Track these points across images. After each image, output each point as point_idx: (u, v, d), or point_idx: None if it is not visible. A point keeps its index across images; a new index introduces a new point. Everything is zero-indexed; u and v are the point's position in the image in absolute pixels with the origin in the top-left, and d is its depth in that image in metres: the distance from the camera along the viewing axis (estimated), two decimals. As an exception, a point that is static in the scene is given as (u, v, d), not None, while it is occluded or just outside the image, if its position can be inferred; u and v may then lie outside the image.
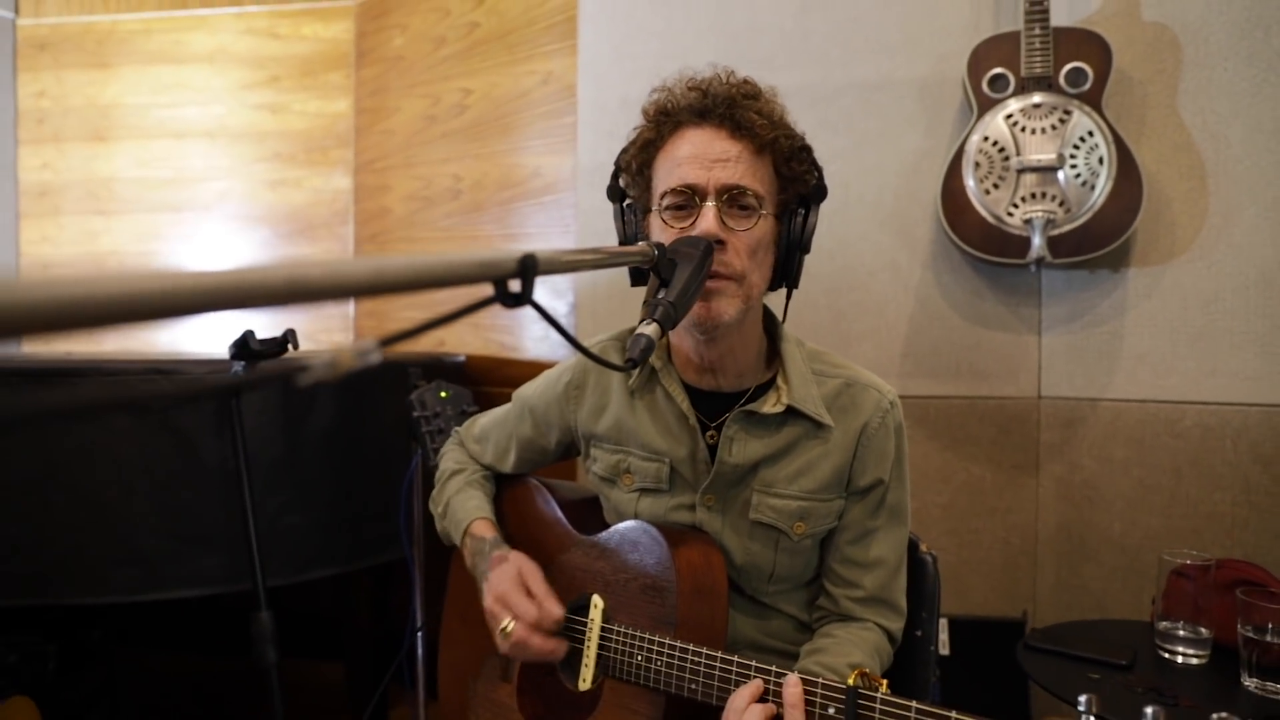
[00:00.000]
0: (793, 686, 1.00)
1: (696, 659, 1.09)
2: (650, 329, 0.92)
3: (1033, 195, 1.99)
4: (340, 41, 3.03)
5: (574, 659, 1.24)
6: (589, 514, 1.39)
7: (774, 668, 1.04)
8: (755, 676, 1.04)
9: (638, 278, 1.27)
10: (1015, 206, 2.00)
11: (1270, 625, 1.35)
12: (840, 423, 1.23)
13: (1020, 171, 1.99)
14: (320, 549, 2.01)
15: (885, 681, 0.96)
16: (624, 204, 1.29)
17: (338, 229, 3.06)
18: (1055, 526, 2.13)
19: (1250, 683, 1.36)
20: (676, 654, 1.11)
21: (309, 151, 3.06)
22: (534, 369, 1.49)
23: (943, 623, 1.99)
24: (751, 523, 1.23)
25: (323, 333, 3.08)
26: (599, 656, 1.20)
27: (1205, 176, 1.97)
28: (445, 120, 2.73)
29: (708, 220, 1.13)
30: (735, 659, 1.06)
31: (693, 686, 1.09)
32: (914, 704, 0.90)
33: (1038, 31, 1.98)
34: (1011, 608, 2.14)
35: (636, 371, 1.29)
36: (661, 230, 1.18)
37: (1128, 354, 2.06)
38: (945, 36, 2.15)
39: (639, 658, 1.15)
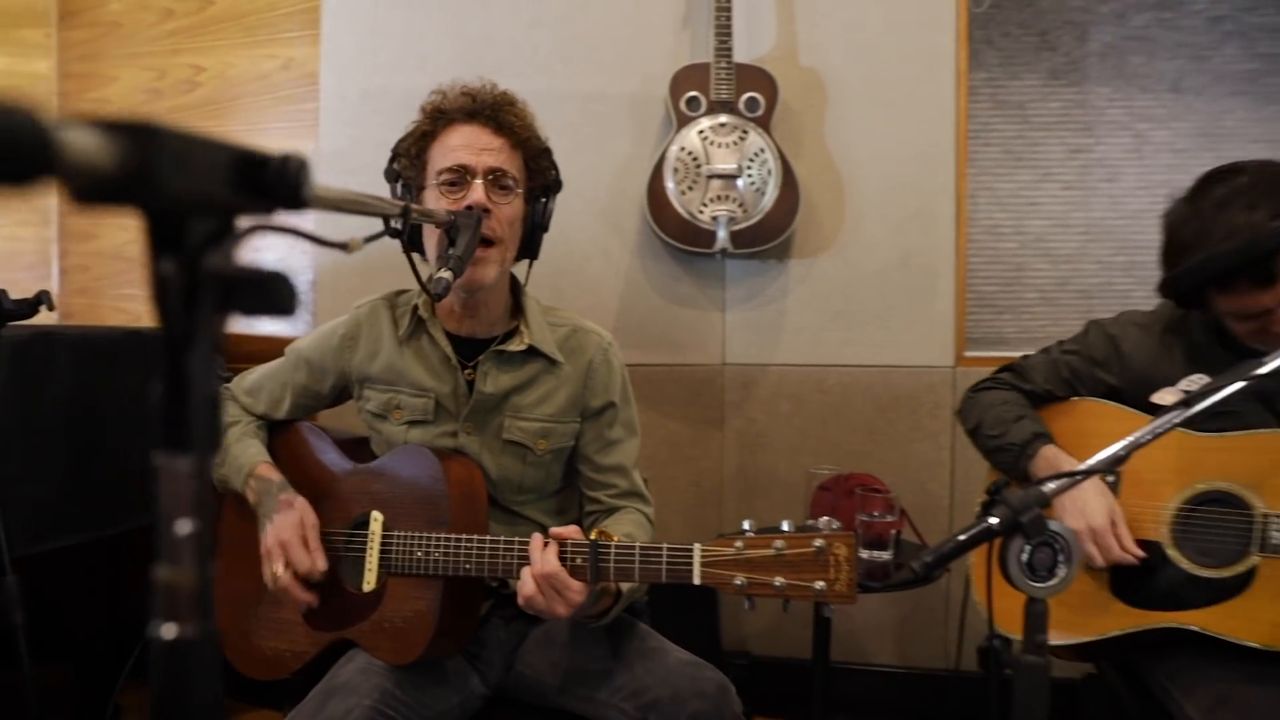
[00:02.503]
0: (545, 547, 1.30)
1: (469, 545, 1.35)
2: (447, 274, 1.19)
3: (719, 197, 2.44)
4: (40, -2, 2.87)
5: (357, 566, 1.45)
6: (358, 448, 1.59)
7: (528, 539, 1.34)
8: (516, 548, 1.33)
9: (413, 246, 1.51)
10: (705, 206, 2.44)
11: (874, 511, 1.88)
12: (570, 360, 1.56)
13: (709, 177, 2.44)
14: (58, 518, 1.98)
15: (616, 536, 1.28)
16: (398, 184, 1.52)
17: (37, 200, 2.90)
18: (735, 469, 2.61)
19: (864, 554, 1.88)
20: (452, 544, 1.37)
21: None
22: (267, 343, 1.67)
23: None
24: (504, 442, 1.52)
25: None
26: (381, 560, 1.43)
27: (843, 190, 2.53)
28: (173, 95, 2.72)
29: (478, 193, 1.41)
30: (501, 539, 1.35)
31: (467, 567, 1.35)
32: (637, 545, 1.24)
33: (723, 65, 2.44)
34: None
35: (407, 321, 1.53)
36: (437, 201, 1.44)
37: (789, 328, 2.58)
38: (651, 61, 2.55)
39: (419, 553, 1.39)
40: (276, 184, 0.43)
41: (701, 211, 2.44)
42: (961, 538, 1.04)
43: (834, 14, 2.50)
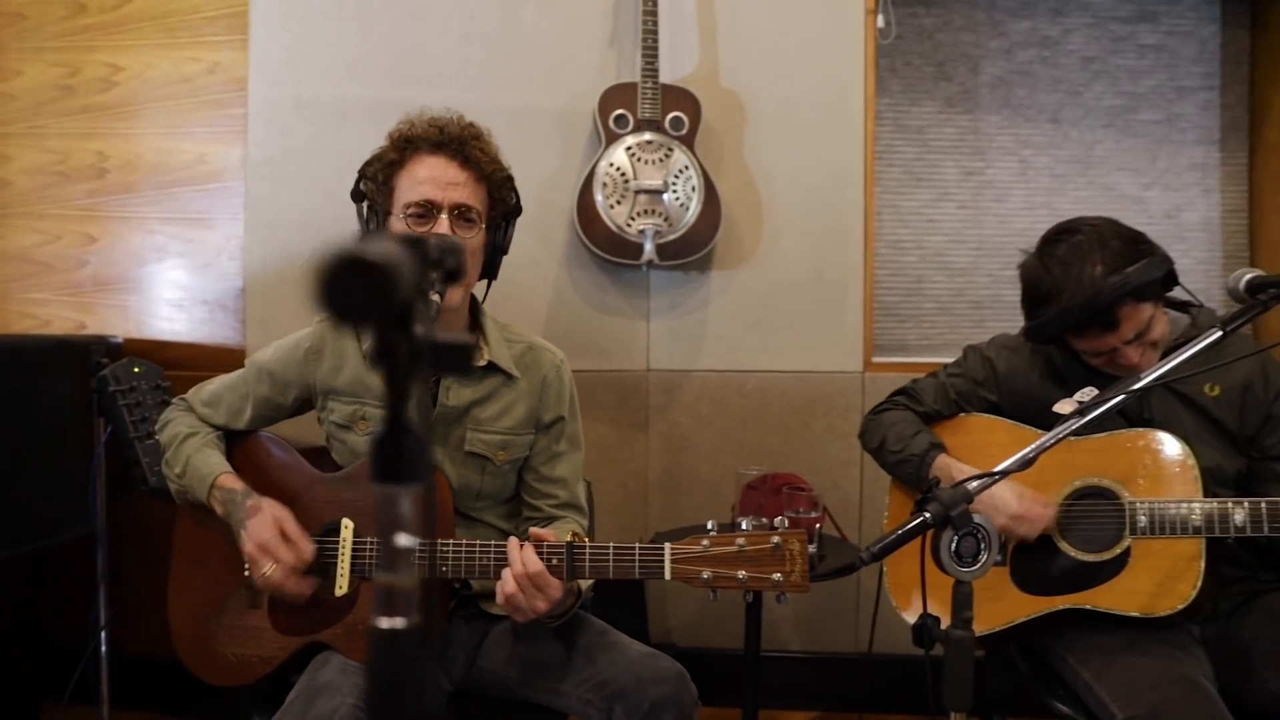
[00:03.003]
0: (522, 548, 1.39)
1: (445, 548, 1.43)
2: (435, 298, 1.27)
3: (645, 211, 2.56)
4: (-66, -13, 2.74)
5: (328, 572, 1.50)
6: (319, 458, 1.64)
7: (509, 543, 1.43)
8: (493, 550, 1.41)
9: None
10: (632, 220, 2.56)
11: (800, 508, 2.04)
12: (526, 375, 1.65)
13: (637, 192, 2.55)
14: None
15: (587, 539, 1.39)
16: (364, 205, 1.58)
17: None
18: (661, 470, 2.74)
19: (793, 549, 2.04)
20: (426, 549, 1.44)
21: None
22: (196, 350, 1.69)
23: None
24: (465, 453, 1.60)
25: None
26: (354, 566, 1.49)
27: (761, 207, 2.69)
28: (87, 94, 2.65)
29: (443, 228, 1.49)
30: (477, 543, 1.43)
31: (443, 569, 1.43)
32: (611, 545, 1.35)
33: (650, 85, 2.56)
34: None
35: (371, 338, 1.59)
36: (404, 230, 1.51)
37: (710, 336, 2.73)
38: (579, 78, 2.65)
39: (392, 559, 1.45)
40: (442, 260, 0.51)
41: (629, 225, 2.55)
42: (901, 531, 1.19)
43: (753, 39, 2.66)
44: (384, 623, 0.48)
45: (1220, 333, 1.39)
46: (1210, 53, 2.83)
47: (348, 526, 1.51)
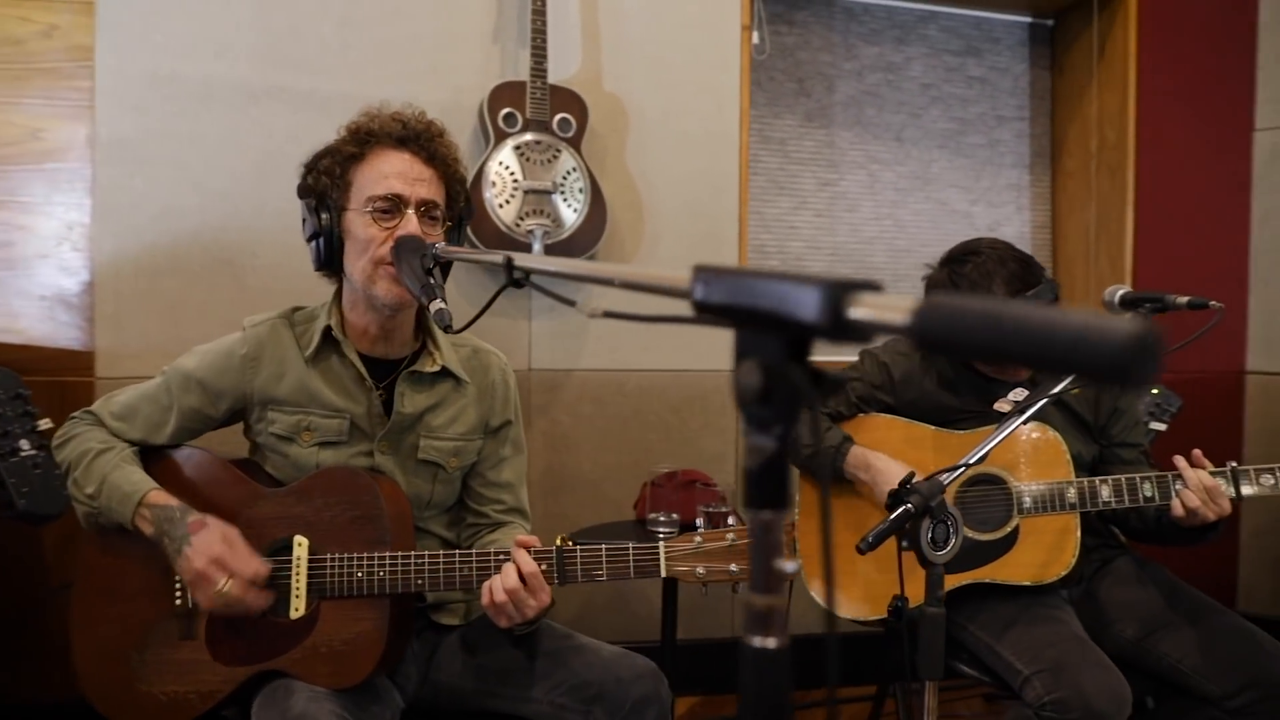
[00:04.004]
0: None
1: (420, 561, 1.39)
2: (443, 304, 1.23)
3: (534, 211, 2.56)
4: None
5: (281, 593, 1.41)
6: (255, 472, 1.53)
7: (492, 550, 1.41)
8: (474, 560, 1.39)
9: (329, 266, 1.50)
10: (521, 219, 2.54)
11: (713, 502, 2.13)
12: (475, 380, 1.63)
13: (526, 192, 2.54)
14: None
15: (571, 541, 1.40)
16: (313, 200, 1.49)
17: None
18: (543, 469, 2.74)
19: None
20: (400, 562, 1.39)
21: None
22: (31, 353, 1.53)
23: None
24: (418, 461, 1.56)
25: None
26: (311, 585, 1.40)
27: (642, 210, 2.76)
28: (-120, 53, 2.25)
29: (413, 224, 1.44)
30: (457, 553, 1.40)
31: (419, 582, 1.38)
32: (603, 546, 1.37)
33: (538, 85, 2.55)
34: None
35: (314, 343, 1.51)
36: (367, 226, 1.44)
37: (591, 335, 2.76)
38: (462, 73, 2.59)
39: (360, 574, 1.39)
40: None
41: (518, 224, 2.54)
42: (890, 521, 1.31)
43: (636, 46, 2.72)
44: (756, 641, 0.50)
45: None
46: (1022, 88, 3.22)
47: (301, 544, 1.42)
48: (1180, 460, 1.73)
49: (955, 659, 1.86)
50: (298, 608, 1.40)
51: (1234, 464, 1.72)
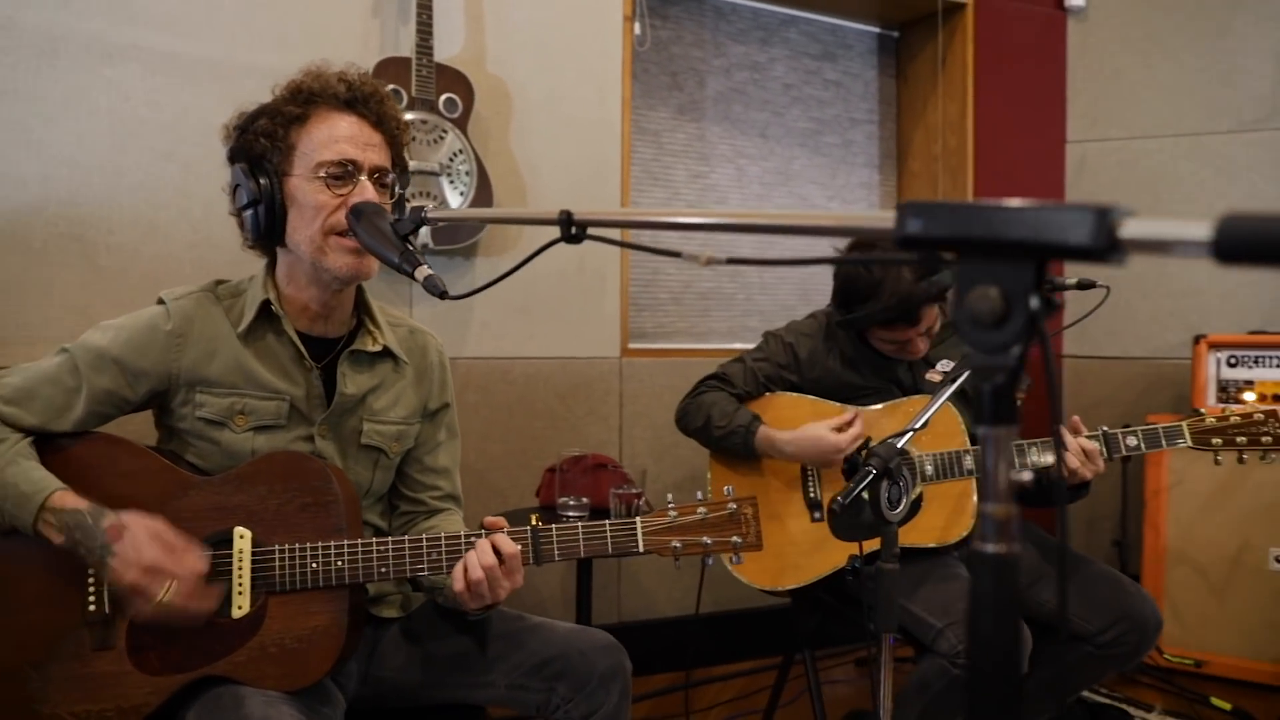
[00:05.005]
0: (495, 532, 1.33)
1: (384, 547, 1.30)
2: (429, 270, 1.16)
3: (419, 194, 2.46)
4: None
5: (223, 591, 1.28)
6: (176, 462, 1.38)
7: (462, 533, 1.35)
8: (444, 544, 1.32)
9: (268, 237, 1.38)
10: (407, 201, 2.44)
11: (623, 484, 2.14)
12: (413, 361, 1.56)
13: (411, 173, 2.44)
14: None
15: (541, 522, 1.36)
16: (249, 163, 1.36)
17: None
18: (426, 462, 2.64)
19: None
20: (360, 550, 1.30)
21: None
22: None
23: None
24: (360, 446, 1.47)
25: None
26: (256, 580, 1.28)
27: (526, 194, 2.72)
28: None
29: (368, 191, 1.35)
30: (424, 537, 1.33)
31: (383, 570, 1.30)
32: (580, 525, 1.34)
33: (424, 62, 2.45)
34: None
35: (248, 317, 1.39)
36: (317, 193, 1.34)
37: (476, 322, 2.69)
38: (340, 45, 2.45)
39: (314, 565, 1.29)
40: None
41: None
42: (858, 484, 1.37)
43: (520, 28, 2.68)
44: (990, 548, 0.52)
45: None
46: (872, 93, 3.44)
47: (243, 536, 1.30)
48: (1060, 427, 1.92)
49: (870, 620, 1.97)
50: (241, 605, 1.28)
51: (1105, 428, 1.93)
